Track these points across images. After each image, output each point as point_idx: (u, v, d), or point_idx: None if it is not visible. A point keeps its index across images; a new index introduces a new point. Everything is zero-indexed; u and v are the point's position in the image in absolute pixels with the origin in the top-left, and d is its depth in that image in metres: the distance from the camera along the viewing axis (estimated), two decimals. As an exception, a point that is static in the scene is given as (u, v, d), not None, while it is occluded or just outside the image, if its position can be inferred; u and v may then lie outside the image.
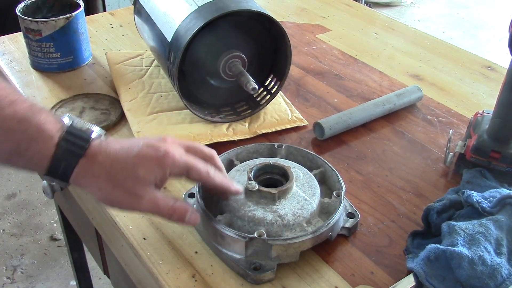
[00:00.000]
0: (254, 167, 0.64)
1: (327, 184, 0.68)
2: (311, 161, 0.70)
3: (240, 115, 0.82)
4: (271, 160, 0.66)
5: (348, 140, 0.81)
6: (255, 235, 0.56)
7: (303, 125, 0.83)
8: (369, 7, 1.88)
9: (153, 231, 0.63)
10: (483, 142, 0.69)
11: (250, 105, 0.84)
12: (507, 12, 3.80)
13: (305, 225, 0.59)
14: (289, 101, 0.87)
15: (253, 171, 0.63)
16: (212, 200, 0.63)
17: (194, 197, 0.63)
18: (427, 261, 0.54)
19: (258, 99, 0.84)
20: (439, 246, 0.54)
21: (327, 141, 0.80)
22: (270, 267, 0.57)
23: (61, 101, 0.85)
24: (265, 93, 0.84)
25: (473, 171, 0.69)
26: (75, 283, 1.55)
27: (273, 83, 0.84)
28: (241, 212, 0.59)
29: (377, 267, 0.59)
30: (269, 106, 0.84)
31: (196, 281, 0.57)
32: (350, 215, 0.64)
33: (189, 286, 0.56)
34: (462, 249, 0.53)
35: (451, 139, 0.75)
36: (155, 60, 0.94)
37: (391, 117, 0.86)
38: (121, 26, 1.12)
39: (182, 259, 0.59)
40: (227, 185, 0.58)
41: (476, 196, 0.60)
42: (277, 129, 0.81)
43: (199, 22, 0.72)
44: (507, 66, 0.68)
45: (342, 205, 0.62)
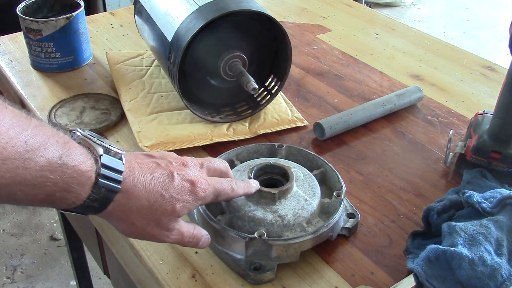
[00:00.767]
0: (255, 167, 0.64)
1: (327, 184, 0.68)
2: (311, 161, 0.70)
3: (241, 115, 0.82)
4: (271, 160, 0.66)
5: (349, 140, 0.81)
6: (256, 235, 0.56)
7: (303, 125, 0.83)
8: (370, 7, 1.88)
9: (153, 231, 0.63)
10: (484, 143, 0.69)
11: (250, 105, 0.84)
12: (507, 13, 3.80)
13: (305, 225, 0.59)
14: (289, 101, 0.87)
15: (253, 171, 0.63)
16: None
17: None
18: (428, 262, 0.54)
19: (259, 99, 0.84)
20: (439, 246, 0.54)
21: (327, 141, 0.80)
22: (271, 267, 0.57)
23: (61, 101, 0.85)
24: (265, 93, 0.84)
25: (474, 172, 0.69)
26: (75, 283, 1.55)
27: (273, 83, 0.84)
28: (241, 212, 0.59)
29: (377, 267, 0.59)
30: (269, 106, 0.84)
31: (196, 281, 0.57)
32: (350, 215, 0.64)
33: (189, 286, 0.56)
34: (463, 250, 0.53)
35: (451, 139, 0.75)
36: (156, 60, 0.94)
37: (392, 117, 0.86)
38: (121, 26, 1.12)
39: (182, 259, 0.59)
40: (249, 190, 0.58)
41: (476, 196, 0.60)
42: (277, 129, 0.81)
43: (200, 22, 0.72)
44: (507, 67, 0.68)
45: (342, 205, 0.62)
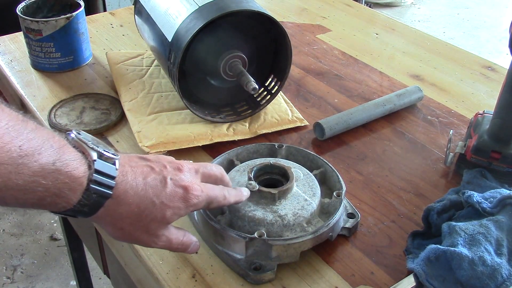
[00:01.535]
0: (255, 167, 0.64)
1: (327, 184, 0.68)
2: (311, 161, 0.70)
3: (241, 115, 0.82)
4: (271, 160, 0.66)
5: (349, 140, 0.80)
6: (255, 235, 0.56)
7: (303, 125, 0.83)
8: (370, 7, 1.88)
9: (153, 231, 0.63)
10: (484, 143, 0.69)
11: (250, 105, 0.84)
12: (507, 13, 3.80)
13: (305, 225, 0.59)
14: (289, 101, 0.87)
15: (253, 171, 0.63)
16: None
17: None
18: (428, 262, 0.54)
19: (259, 99, 0.84)
20: (439, 246, 0.54)
21: (327, 141, 0.80)
22: (271, 267, 0.57)
23: (61, 101, 0.85)
24: (265, 93, 0.84)
25: (474, 172, 0.69)
26: (75, 283, 1.55)
27: (273, 83, 0.84)
28: (241, 212, 0.59)
29: (377, 267, 0.59)
30: (269, 106, 0.84)
31: (196, 281, 0.57)
32: (350, 215, 0.64)
33: (189, 286, 0.56)
34: (463, 250, 0.53)
35: (451, 139, 0.75)
36: (156, 60, 0.94)
37: (392, 117, 0.86)
38: (121, 26, 1.12)
39: (182, 259, 0.59)
40: (240, 199, 0.58)
41: (476, 196, 0.60)
42: (277, 129, 0.81)
43: (200, 22, 0.72)
44: (507, 67, 0.68)
45: (342, 205, 0.62)
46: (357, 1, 1.52)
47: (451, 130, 0.79)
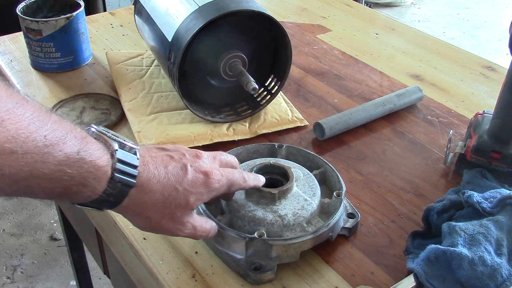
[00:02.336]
0: (255, 167, 0.64)
1: (327, 184, 0.68)
2: (311, 161, 0.70)
3: (241, 115, 0.82)
4: (271, 160, 0.66)
5: (349, 140, 0.80)
6: (256, 235, 0.56)
7: (303, 125, 0.83)
8: (370, 7, 1.88)
9: (153, 231, 0.63)
10: (484, 143, 0.69)
11: (250, 105, 0.84)
12: (507, 13, 3.80)
13: (305, 225, 0.59)
14: (289, 101, 0.87)
15: (253, 171, 0.63)
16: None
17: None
18: (428, 262, 0.54)
19: (259, 99, 0.84)
20: (439, 246, 0.54)
21: (327, 141, 0.80)
22: (271, 267, 0.57)
23: (61, 101, 0.85)
24: (265, 93, 0.84)
25: (474, 172, 0.69)
26: (75, 283, 1.55)
27: (273, 83, 0.84)
28: (241, 212, 0.59)
29: (377, 267, 0.59)
30: (269, 106, 0.84)
31: (196, 281, 0.57)
32: (350, 215, 0.64)
33: (189, 286, 0.56)
34: (463, 250, 0.53)
35: (451, 139, 0.75)
36: (156, 60, 0.94)
37: (392, 117, 0.86)
38: (121, 26, 1.12)
39: (182, 259, 0.59)
40: (258, 183, 0.59)
41: (476, 196, 0.60)
42: (277, 129, 0.81)
43: (200, 22, 0.72)
44: (507, 67, 0.68)
45: (342, 205, 0.62)
46: (357, 1, 1.52)
47: (451, 130, 0.79)
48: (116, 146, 0.47)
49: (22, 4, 0.93)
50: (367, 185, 0.72)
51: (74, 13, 0.91)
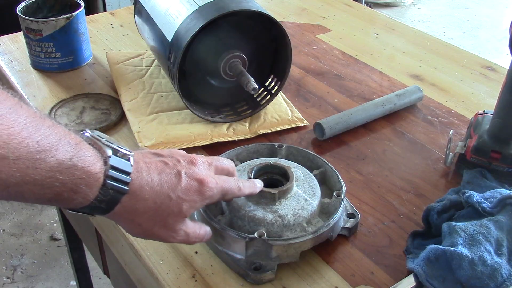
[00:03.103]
0: (255, 167, 0.64)
1: (327, 184, 0.68)
2: (311, 161, 0.70)
3: (241, 115, 0.82)
4: (271, 160, 0.66)
5: (349, 140, 0.80)
6: (256, 235, 0.56)
7: (303, 125, 0.83)
8: (370, 7, 1.88)
9: (153, 231, 0.63)
10: (484, 143, 0.69)
11: (250, 105, 0.84)
12: (507, 13, 3.80)
13: (305, 225, 0.59)
14: (289, 101, 0.87)
15: (253, 171, 0.63)
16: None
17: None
18: (428, 262, 0.54)
19: (259, 99, 0.84)
20: (439, 246, 0.54)
21: (327, 141, 0.80)
22: (271, 267, 0.57)
23: (61, 101, 0.85)
24: (265, 93, 0.84)
25: (474, 172, 0.69)
26: (75, 283, 1.55)
27: (273, 83, 0.84)
28: (241, 212, 0.59)
29: (377, 267, 0.59)
30: (269, 106, 0.84)
31: (196, 281, 0.57)
32: (350, 215, 0.64)
33: (189, 286, 0.56)
34: (463, 250, 0.53)
35: (451, 139, 0.75)
36: (156, 60, 0.94)
37: (392, 117, 0.86)
38: (121, 26, 1.12)
39: (182, 259, 0.59)
40: (254, 190, 0.58)
41: (476, 196, 0.60)
42: (277, 129, 0.81)
43: (200, 22, 0.72)
44: (507, 67, 0.68)
45: (342, 205, 0.62)
46: (357, 1, 1.52)
47: (451, 130, 0.78)
48: (109, 152, 0.46)
49: (22, 4, 0.93)
50: (367, 185, 0.72)
51: (74, 13, 0.91)
